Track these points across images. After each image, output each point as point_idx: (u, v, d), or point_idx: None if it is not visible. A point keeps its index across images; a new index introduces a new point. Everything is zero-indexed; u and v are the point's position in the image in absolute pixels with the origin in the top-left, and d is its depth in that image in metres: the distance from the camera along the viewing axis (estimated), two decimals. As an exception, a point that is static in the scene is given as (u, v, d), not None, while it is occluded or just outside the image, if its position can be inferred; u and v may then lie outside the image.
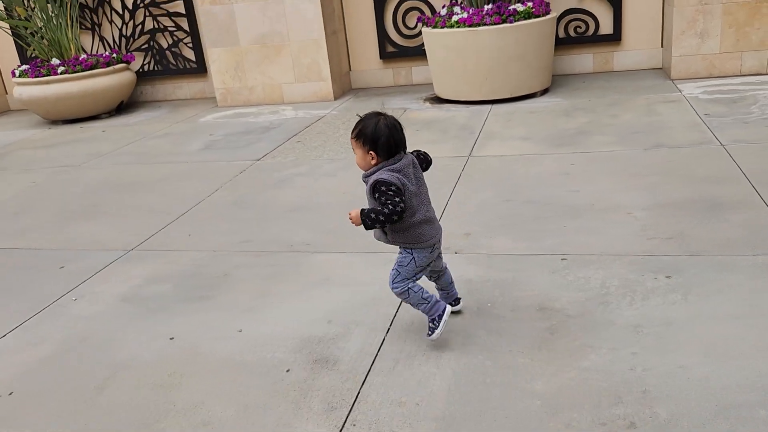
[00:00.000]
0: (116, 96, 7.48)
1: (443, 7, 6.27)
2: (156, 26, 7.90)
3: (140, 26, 7.94)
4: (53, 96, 7.04)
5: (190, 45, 7.89)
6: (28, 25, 7.32)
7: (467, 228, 3.30)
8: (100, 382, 2.31)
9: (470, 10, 5.83)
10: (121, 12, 7.91)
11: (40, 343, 2.63)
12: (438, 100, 6.36)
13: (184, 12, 7.73)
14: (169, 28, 7.87)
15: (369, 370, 2.20)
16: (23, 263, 3.47)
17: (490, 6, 5.77)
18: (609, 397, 1.94)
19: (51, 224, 4.04)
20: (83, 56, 7.34)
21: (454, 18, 5.81)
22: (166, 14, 7.80)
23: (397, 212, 2.12)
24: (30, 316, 2.86)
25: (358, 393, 2.09)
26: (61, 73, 7.07)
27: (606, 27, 6.64)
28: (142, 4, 7.82)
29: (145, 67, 8.08)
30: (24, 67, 7.35)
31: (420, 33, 7.09)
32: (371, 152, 2.19)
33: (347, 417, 1.99)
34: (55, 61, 7.23)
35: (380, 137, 2.17)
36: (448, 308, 2.30)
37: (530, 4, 5.79)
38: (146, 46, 8.01)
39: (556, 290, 2.59)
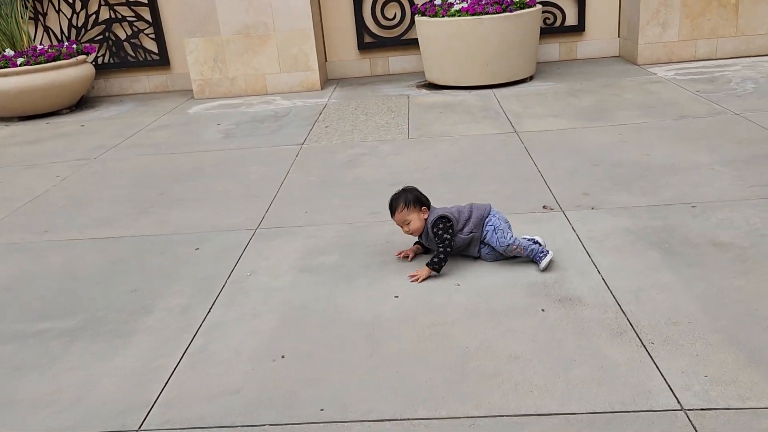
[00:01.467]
0: (79, 90, 6.98)
1: (434, -3, 6.57)
2: (113, 16, 7.47)
3: (94, 16, 7.47)
4: (15, 89, 6.44)
5: (153, 36, 7.55)
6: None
7: (579, 189, 3.62)
8: (365, 340, 2.35)
9: (469, 0, 6.17)
10: (71, 1, 7.39)
11: (257, 315, 2.59)
12: (432, 86, 6.64)
13: (145, 1, 7.38)
14: (128, 18, 7.47)
15: (617, 301, 2.45)
16: (151, 249, 3.30)
17: (488, -4, 6.15)
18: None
19: (132, 214, 3.83)
20: (41, 47, 6.78)
21: (456, 7, 6.12)
22: (125, 3, 7.40)
23: (450, 246, 2.74)
24: (217, 294, 2.78)
25: (629, 320, 2.34)
26: (21, 65, 6.48)
27: (571, 19, 7.28)
28: (95, -8, 7.36)
29: (99, 60, 7.60)
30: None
31: (399, 24, 7.35)
32: (423, 208, 2.82)
33: (639, 337, 2.23)
34: (9, 51, 6.61)
35: (422, 195, 2.87)
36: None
37: (523, -5, 6.25)
38: (101, 37, 7.54)
39: (712, 230, 2.98)
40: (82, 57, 6.94)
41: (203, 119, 6.11)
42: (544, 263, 2.72)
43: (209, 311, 2.65)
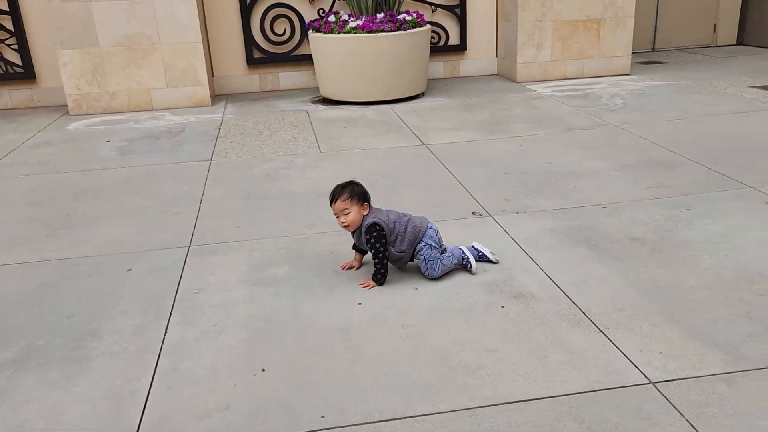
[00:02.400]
0: (-67, 104, 6.25)
1: (326, 14, 6.67)
2: (-31, 25, 6.78)
3: (-54, 23, 6.73)
4: None
5: (15, 47, 6.94)
6: None
7: (500, 196, 3.86)
8: (343, 345, 2.37)
9: (363, 18, 6.34)
10: None
11: (221, 330, 2.50)
12: (328, 101, 6.71)
13: (6, 9, 6.78)
14: (-12, 28, 6.82)
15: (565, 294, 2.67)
16: (78, 272, 3.06)
17: (382, 15, 6.36)
18: (742, 282, 2.73)
19: (40, 236, 3.52)
20: None
21: (352, 24, 6.26)
22: (-17, 10, 6.75)
23: (385, 257, 2.79)
24: (168, 312, 2.65)
25: (581, 310, 2.56)
26: None
27: (454, 39, 7.70)
28: (-52, -2, 6.65)
29: (-47, 72, 6.85)
30: None
31: (289, 39, 7.36)
32: (365, 204, 2.83)
33: (595, 324, 2.45)
34: None
35: (367, 193, 2.87)
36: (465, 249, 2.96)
37: (414, 15, 6.53)
38: (-46, 47, 6.81)
39: (626, 227, 3.33)
40: (-65, 68, 6.23)
41: (89, 136, 5.72)
42: (474, 268, 2.90)
43: (166, 331, 2.53)
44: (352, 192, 2.83)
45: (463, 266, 2.91)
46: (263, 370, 2.24)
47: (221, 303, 2.72)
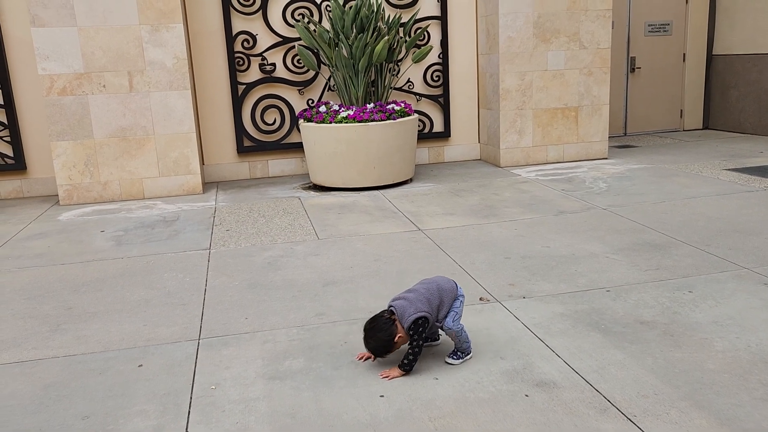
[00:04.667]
0: None
1: (317, 105, 6.88)
2: (-39, 117, 6.82)
3: (-63, 116, 6.77)
4: None
5: (8, 139, 6.98)
6: None
7: (504, 281, 3.91)
8: (369, 442, 2.32)
9: (353, 108, 6.55)
10: None
11: (245, 429, 2.43)
12: (319, 188, 6.82)
13: (1, 102, 6.86)
14: (-20, 120, 6.87)
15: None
16: (87, 369, 2.97)
17: (372, 105, 6.58)
18: (760, 365, 2.78)
19: (43, 332, 3.43)
20: None
21: (343, 114, 6.46)
22: (-23, 104, 6.82)
23: (420, 347, 2.80)
24: (187, 411, 2.57)
25: (605, 398, 2.56)
26: None
27: (438, 126, 7.97)
28: (-59, 92, 6.72)
29: (-59, 164, 6.83)
30: None
31: (279, 128, 7.54)
32: (395, 324, 2.80)
33: (622, 412, 2.45)
34: None
35: (384, 333, 2.79)
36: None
37: (402, 104, 6.77)
38: (-56, 139, 6.82)
39: (633, 310, 3.39)
40: (-75, 161, 6.21)
41: (82, 226, 5.69)
42: (459, 361, 2.90)
43: (186, 431, 2.45)
44: (382, 348, 2.82)
45: (456, 350, 2.94)
46: (294, 470, 2.18)
47: (241, 398, 2.66)
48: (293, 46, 7.42)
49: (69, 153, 6.56)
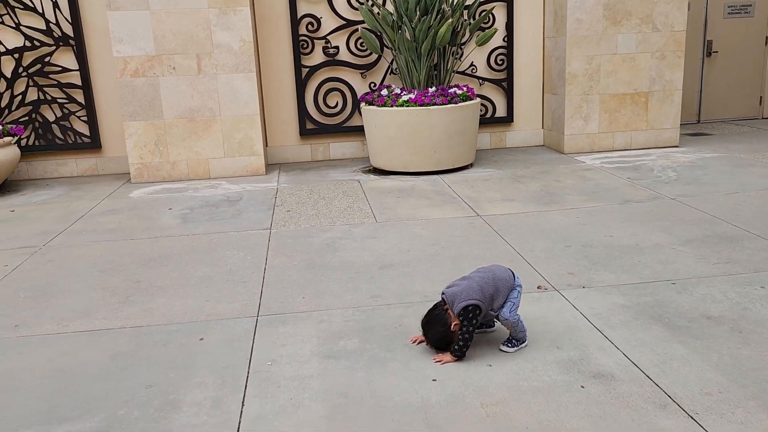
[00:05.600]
0: (4, 173, 6.57)
1: (379, 88, 6.88)
2: (41, 97, 7.17)
3: (20, 97, 7.13)
4: (-65, 172, 5.95)
5: (84, 118, 7.29)
6: None
7: (563, 269, 3.83)
8: (425, 427, 2.33)
9: (415, 92, 6.52)
10: (-4, 80, 7.04)
11: (298, 405, 2.49)
12: (379, 172, 6.84)
13: (79, 83, 7.17)
14: (59, 100, 7.20)
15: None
16: (151, 341, 3.10)
17: (434, 89, 6.53)
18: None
19: (112, 303, 3.60)
20: (-35, 127, 6.36)
21: (404, 98, 6.44)
22: (56, 85, 7.14)
23: (472, 334, 2.76)
24: (244, 385, 2.65)
25: (666, 393, 2.48)
26: (-57, 146, 6.03)
27: (501, 111, 7.84)
28: (24, 74, 7.07)
29: (22, 142, 7.21)
30: None
31: (341, 111, 7.58)
32: (448, 313, 2.81)
33: (683, 409, 2.37)
34: (-72, 131, 6.14)
35: (439, 325, 2.82)
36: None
37: (465, 88, 6.69)
38: (26, 118, 7.19)
39: (699, 304, 3.26)
40: (8, 139, 6.56)
41: (151, 203, 5.91)
42: (514, 349, 2.87)
43: (243, 404, 2.53)
44: (440, 339, 2.84)
45: (510, 338, 2.91)
46: (346, 448, 2.22)
47: (296, 375, 2.72)
48: (356, 29, 7.43)
49: (140, 133, 6.80)
